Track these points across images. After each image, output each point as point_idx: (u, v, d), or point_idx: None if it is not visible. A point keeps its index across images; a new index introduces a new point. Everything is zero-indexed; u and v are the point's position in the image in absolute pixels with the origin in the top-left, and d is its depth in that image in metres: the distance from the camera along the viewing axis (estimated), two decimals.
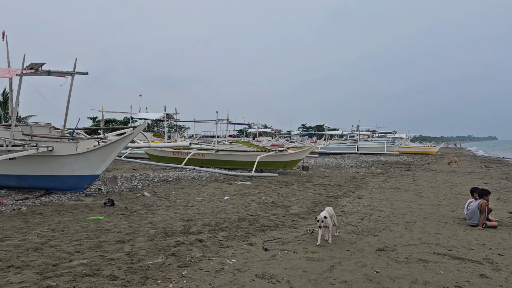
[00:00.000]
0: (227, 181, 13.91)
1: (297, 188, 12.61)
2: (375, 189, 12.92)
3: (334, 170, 20.49)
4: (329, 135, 66.98)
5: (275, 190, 11.97)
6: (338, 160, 28.14)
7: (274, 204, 9.36)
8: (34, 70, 9.31)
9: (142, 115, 30.00)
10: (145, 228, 6.72)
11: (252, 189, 11.87)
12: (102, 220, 7.18)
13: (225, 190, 11.42)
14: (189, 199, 9.57)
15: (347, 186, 13.80)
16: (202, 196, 10.09)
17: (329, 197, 11.02)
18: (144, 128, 9.00)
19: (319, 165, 23.39)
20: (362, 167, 22.96)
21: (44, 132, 10.17)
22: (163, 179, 13.48)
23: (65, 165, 9.29)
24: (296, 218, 8.01)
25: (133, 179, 13.09)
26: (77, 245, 5.67)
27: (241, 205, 9.02)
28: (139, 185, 11.82)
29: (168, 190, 11.04)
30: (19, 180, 9.70)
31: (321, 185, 13.75)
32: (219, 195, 10.35)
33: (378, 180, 15.92)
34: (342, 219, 7.93)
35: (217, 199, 9.66)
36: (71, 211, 7.95)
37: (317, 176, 17.26)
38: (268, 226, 7.22)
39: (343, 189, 12.79)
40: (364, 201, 10.28)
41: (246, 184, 13.18)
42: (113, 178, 9.92)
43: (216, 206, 8.78)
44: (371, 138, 55.38)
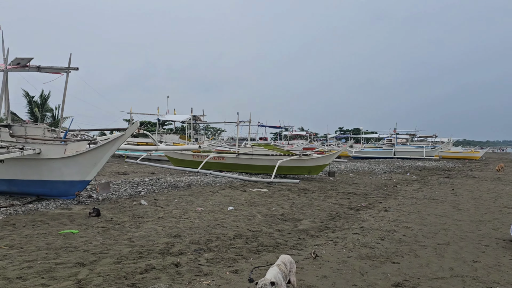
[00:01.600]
0: (242, 187, 12.83)
1: (316, 197, 11.35)
2: (406, 200, 11.46)
3: (364, 176, 18.99)
4: (366, 139, 64.69)
5: (291, 199, 10.77)
6: (372, 165, 26.47)
7: (283, 217, 8.19)
8: (22, 65, 8.64)
9: (168, 117, 29.47)
10: (119, 246, 5.74)
11: (265, 198, 10.73)
12: (75, 235, 6.27)
13: (234, 199, 10.35)
14: (188, 209, 8.56)
15: (375, 195, 12.39)
16: (205, 206, 9.06)
17: (351, 208, 9.71)
18: (137, 128, 8.04)
19: (350, 171, 21.90)
20: (396, 173, 21.29)
21: (38, 134, 9.48)
22: (172, 185, 12.57)
23: (54, 169, 8.52)
24: (304, 235, 6.81)
25: (140, 184, 12.25)
26: (26, 268, 4.74)
27: (244, 218, 7.91)
28: (142, 191, 10.94)
29: (172, 198, 10.09)
30: (10, 185, 9.03)
31: (345, 194, 12.42)
32: (225, 205, 9.28)
33: (412, 189, 14.37)
34: (358, 238, 6.66)
35: (219, 210, 8.60)
36: (49, 221, 7.10)
37: (344, 183, 15.88)
38: (266, 246, 6.07)
39: (369, 199, 11.42)
40: (390, 215, 8.92)
41: (261, 191, 12.05)
42: (105, 185, 9.08)
43: (214, 219, 7.71)
44: (409, 142, 52.81)
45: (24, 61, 8.50)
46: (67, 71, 9.07)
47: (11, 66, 8.49)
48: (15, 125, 9.62)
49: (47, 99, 51.42)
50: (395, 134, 43.91)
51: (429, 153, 37.37)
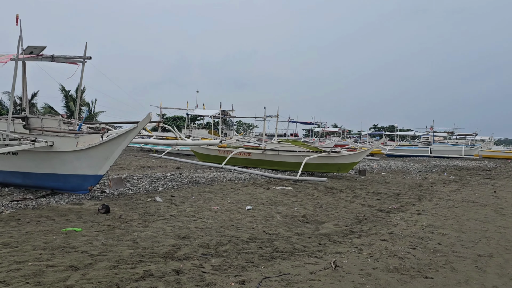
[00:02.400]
0: (265, 185, 12.24)
1: (344, 197, 10.62)
2: (442, 202, 10.55)
3: (397, 176, 17.99)
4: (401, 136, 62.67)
5: (316, 198, 10.10)
6: (406, 164, 25.28)
7: (304, 219, 7.54)
8: (35, 55, 8.36)
9: (197, 111, 29.23)
10: (121, 248, 5.28)
11: (288, 197, 10.10)
12: (77, 233, 5.87)
13: (255, 197, 9.78)
14: (203, 208, 8.06)
15: (408, 196, 11.52)
16: (222, 204, 8.53)
17: (380, 210, 8.94)
18: (149, 121, 7.59)
19: (382, 169, 20.90)
20: (432, 173, 20.13)
21: (53, 126, 9.23)
22: (194, 181, 12.13)
23: (66, 162, 8.21)
24: (325, 241, 6.16)
25: (161, 179, 11.88)
26: (14, 270, 4.35)
27: (262, 219, 7.32)
28: (161, 187, 10.55)
29: (189, 195, 9.63)
30: (24, 178, 8.82)
31: (375, 194, 11.61)
32: (243, 203, 8.73)
33: (449, 190, 13.36)
34: (386, 245, 5.95)
35: (236, 209, 8.05)
36: (56, 218, 6.76)
37: (375, 182, 15.01)
38: (281, 252, 5.47)
39: (401, 200, 10.58)
40: (424, 219, 8.11)
41: (285, 189, 11.43)
42: (118, 180, 8.71)
43: (229, 219, 7.16)
44: (447, 140, 50.67)
45: (37, 50, 8.23)
46: (83, 61, 8.75)
47: (23, 55, 8.25)
48: (32, 116, 9.41)
49: (82, 93, 52.67)
50: (431, 132, 42.06)
51: (468, 152, 35.54)
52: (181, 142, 10.92)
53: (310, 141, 41.49)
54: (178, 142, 11.13)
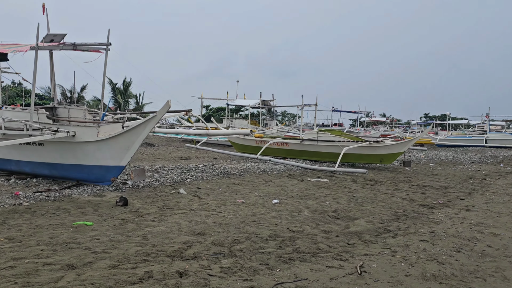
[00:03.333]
0: (300, 176, 11.63)
1: (384, 190, 9.81)
2: (496, 197, 9.49)
3: (447, 167, 16.74)
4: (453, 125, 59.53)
5: (352, 191, 9.37)
6: (458, 154, 23.68)
7: (335, 215, 6.89)
8: (57, 43, 8.20)
9: (238, 101, 28.91)
10: (128, 245, 4.91)
11: (322, 190, 9.44)
12: (87, 227, 5.58)
13: (286, 189, 9.21)
14: (227, 201, 7.60)
15: (457, 189, 10.51)
16: (248, 197, 8.04)
17: (423, 206, 8.10)
18: (167, 109, 7.20)
19: (430, 160, 19.60)
20: (486, 164, 18.62)
21: (79, 116, 9.10)
22: (226, 172, 11.72)
23: (88, 153, 8.02)
24: (354, 240, 5.50)
25: (192, 170, 11.56)
26: (8, 268, 4.07)
27: (288, 214, 6.75)
28: (190, 178, 10.21)
29: (217, 186, 9.22)
30: (51, 169, 8.74)
31: (419, 187, 10.69)
32: (272, 196, 8.19)
33: (505, 183, 12.13)
34: (425, 247, 5.20)
35: (262, 203, 7.51)
36: (72, 210, 6.53)
37: (421, 173, 13.96)
38: (302, 252, 4.88)
39: (448, 194, 9.63)
40: (473, 216, 7.21)
41: (320, 181, 10.76)
42: (141, 171, 8.43)
43: (252, 214, 6.65)
44: (505, 129, 47.44)
45: (57, 37, 8.08)
46: (106, 49, 8.50)
47: (43, 43, 8.12)
48: (59, 107, 9.33)
49: (129, 86, 53.93)
50: (487, 120, 39.41)
51: None
52: (211, 132, 10.54)
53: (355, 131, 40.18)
54: (208, 132, 10.76)
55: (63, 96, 45.90)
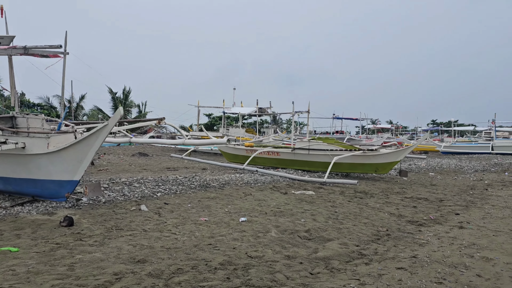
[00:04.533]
0: (285, 188, 10.83)
1: (372, 204, 8.98)
2: (495, 210, 8.62)
3: (447, 176, 15.83)
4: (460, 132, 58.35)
5: (336, 206, 8.56)
6: (461, 162, 22.72)
7: (308, 235, 6.07)
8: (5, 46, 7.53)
9: (235, 109, 28.21)
10: (47, 276, 4.15)
11: (304, 204, 8.64)
12: (9, 254, 4.82)
13: (264, 204, 8.42)
14: (189, 219, 6.82)
15: (453, 202, 9.64)
16: (215, 215, 7.25)
17: (411, 222, 7.26)
18: (119, 117, 6.47)
19: (431, 168, 18.69)
20: (490, 172, 17.67)
21: (37, 125, 8.42)
22: (204, 184, 10.95)
23: (41, 166, 7.30)
24: (320, 268, 4.69)
25: (168, 182, 10.79)
26: None
27: (252, 234, 5.95)
28: (162, 192, 9.45)
29: (187, 202, 8.46)
30: (5, 184, 8.04)
31: (413, 200, 9.84)
32: (242, 213, 7.40)
33: (507, 194, 11.23)
34: (401, 277, 4.38)
35: (228, 221, 6.72)
36: (8, 232, 5.78)
37: (418, 184, 13.10)
38: (253, 286, 4.09)
39: (443, 208, 8.77)
40: (466, 235, 6.37)
41: (305, 194, 9.96)
42: (96, 186, 7.68)
43: (211, 235, 5.85)
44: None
45: (4, 40, 7.42)
46: (64, 53, 7.82)
47: None
48: (18, 116, 8.65)
49: (128, 95, 53.48)
50: (493, 126, 38.31)
51: None
52: (187, 141, 9.81)
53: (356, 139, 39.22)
54: (184, 141, 10.02)
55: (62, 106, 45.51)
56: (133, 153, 26.04)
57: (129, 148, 31.19)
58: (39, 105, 47.38)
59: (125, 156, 24.81)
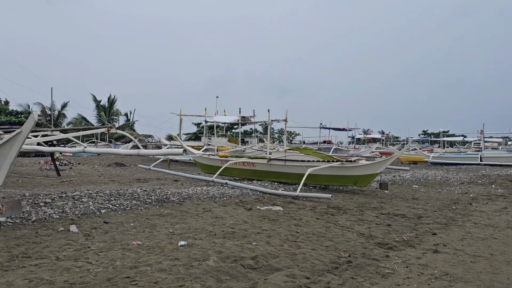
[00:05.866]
0: (252, 203, 9.93)
1: (342, 222, 8.10)
2: (477, 229, 7.78)
3: (431, 189, 15.03)
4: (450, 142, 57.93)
5: (300, 225, 7.66)
6: (448, 174, 21.97)
7: (253, 263, 5.15)
8: None
9: (216, 118, 27.30)
10: None
11: (265, 222, 7.73)
12: None
13: (219, 223, 7.50)
14: (120, 243, 5.87)
15: (433, 219, 8.80)
16: (155, 236, 6.32)
17: (381, 245, 6.38)
18: (33, 123, 5.54)
19: (416, 180, 17.89)
20: (477, 185, 16.90)
21: None
22: (164, 198, 10.01)
23: None
24: None
25: (121, 197, 9.82)
26: None
27: (186, 263, 5.02)
28: (108, 208, 8.49)
29: (133, 219, 7.52)
30: None
31: (389, 217, 8.98)
32: (185, 235, 6.46)
33: (492, 209, 10.42)
34: None
35: (164, 245, 5.78)
36: None
37: (399, 197, 12.26)
38: None
39: (420, 227, 7.92)
40: (440, 262, 5.50)
41: (271, 210, 9.07)
42: (15, 203, 6.71)
43: (135, 264, 4.91)
44: (501, 146, 45.78)
45: None
46: None
47: None
48: None
49: (113, 103, 52.49)
50: (482, 137, 37.78)
51: None
52: (142, 152, 8.90)
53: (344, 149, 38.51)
54: (139, 152, 9.11)
55: (44, 114, 44.39)
56: (110, 163, 25.05)
57: (107, 158, 30.17)
58: (21, 113, 46.24)
59: (100, 166, 23.81)
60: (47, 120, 42.92)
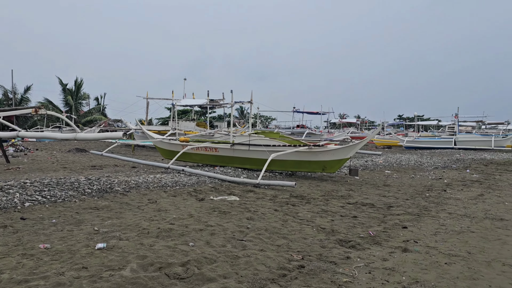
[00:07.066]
0: (207, 193, 8.93)
1: (303, 214, 7.18)
2: (452, 221, 6.99)
3: (404, 174, 14.32)
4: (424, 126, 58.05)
5: (255, 217, 6.69)
6: (422, 158, 21.41)
7: (182, 271, 4.15)
8: None
9: (184, 101, 26.04)
10: None
11: (213, 216, 6.74)
12: None
13: (160, 217, 6.46)
14: (24, 246, 4.78)
15: (404, 209, 7.98)
16: (73, 236, 5.24)
17: (342, 242, 5.47)
18: None
19: (389, 165, 17.20)
20: (451, 169, 16.33)
21: None
22: (107, 188, 8.89)
23: None
24: None
25: (57, 186, 8.63)
26: None
27: (94, 274, 3.97)
28: (34, 200, 7.33)
29: (59, 214, 6.42)
30: None
31: (356, 206, 8.12)
32: (112, 234, 5.41)
33: (468, 196, 9.71)
34: None
35: (76, 250, 4.71)
36: None
37: (370, 184, 11.45)
38: None
39: (389, 218, 7.07)
40: (409, 264, 4.63)
41: (226, 201, 8.09)
42: None
43: (25, 278, 3.85)
44: (475, 130, 45.97)
45: None
46: None
47: None
48: None
49: (81, 86, 50.22)
50: (456, 120, 37.64)
51: (499, 143, 31.16)
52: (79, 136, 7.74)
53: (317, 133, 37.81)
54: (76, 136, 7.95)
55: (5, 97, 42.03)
56: (70, 149, 23.61)
57: (70, 143, 28.60)
58: None
59: (59, 152, 22.34)
60: (9, 104, 40.65)
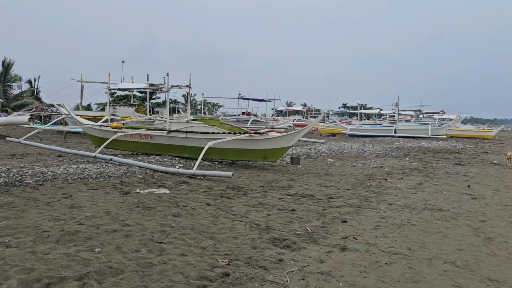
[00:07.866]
0: (134, 185, 8.08)
1: (238, 208, 6.56)
2: (392, 212, 6.67)
3: (347, 163, 14.14)
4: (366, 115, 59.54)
5: (182, 214, 5.98)
6: (364, 146, 21.55)
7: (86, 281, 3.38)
8: None
9: (122, 85, 24.48)
10: None
11: (134, 212, 5.94)
12: None
13: (69, 216, 5.57)
14: None
15: (345, 199, 7.60)
16: None
17: (276, 241, 4.90)
18: None
19: (332, 154, 17.02)
20: (392, 157, 16.43)
21: None
22: (15, 181, 7.78)
23: None
24: None
25: None
26: None
27: None
28: None
29: None
30: None
31: (296, 198, 7.62)
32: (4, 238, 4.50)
33: (407, 185, 9.56)
34: None
35: None
36: None
37: (311, 173, 11.06)
38: None
39: (328, 212, 6.62)
40: (348, 264, 4.14)
41: (155, 193, 7.30)
42: None
43: None
44: (413, 119, 47.64)
45: None
46: None
47: None
48: None
49: (9, 67, 46.36)
50: (396, 109, 38.69)
51: (436, 131, 32.35)
52: None
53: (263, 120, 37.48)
54: None
55: None
56: None
57: None
58: None
59: None
60: None
